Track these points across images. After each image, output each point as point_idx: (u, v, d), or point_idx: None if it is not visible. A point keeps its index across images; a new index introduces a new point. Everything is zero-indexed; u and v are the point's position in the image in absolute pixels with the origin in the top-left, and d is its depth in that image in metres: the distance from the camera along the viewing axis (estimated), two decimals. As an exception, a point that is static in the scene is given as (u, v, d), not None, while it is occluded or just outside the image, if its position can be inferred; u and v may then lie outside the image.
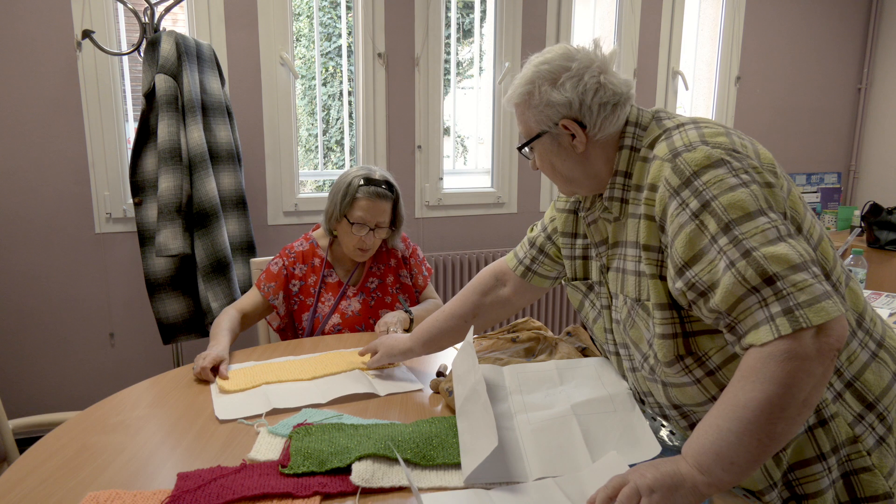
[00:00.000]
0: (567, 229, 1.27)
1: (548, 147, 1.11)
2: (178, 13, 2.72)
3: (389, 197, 1.81)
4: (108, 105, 2.51)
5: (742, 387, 0.84)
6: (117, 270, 2.64)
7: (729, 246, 0.87)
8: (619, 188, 1.08)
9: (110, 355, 2.69)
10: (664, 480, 0.83)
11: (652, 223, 1.00)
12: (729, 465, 0.83)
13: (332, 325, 1.83)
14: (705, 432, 0.86)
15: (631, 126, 1.09)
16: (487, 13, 3.07)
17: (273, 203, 2.81)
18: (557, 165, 1.12)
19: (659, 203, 0.97)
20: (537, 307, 3.24)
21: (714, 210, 0.90)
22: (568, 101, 1.06)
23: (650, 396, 1.12)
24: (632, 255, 1.07)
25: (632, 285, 1.06)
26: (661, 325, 0.99)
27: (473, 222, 3.15)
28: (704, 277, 0.90)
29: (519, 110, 1.13)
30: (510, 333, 1.48)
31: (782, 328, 0.82)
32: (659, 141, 1.03)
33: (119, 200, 2.60)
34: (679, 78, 3.37)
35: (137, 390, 1.39)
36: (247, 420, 1.23)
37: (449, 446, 1.08)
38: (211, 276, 2.23)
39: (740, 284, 0.86)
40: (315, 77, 3.06)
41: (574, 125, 1.06)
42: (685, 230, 0.92)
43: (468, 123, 3.31)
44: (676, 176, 0.95)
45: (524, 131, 1.14)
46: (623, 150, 1.08)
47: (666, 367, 1.00)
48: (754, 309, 0.85)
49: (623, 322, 1.10)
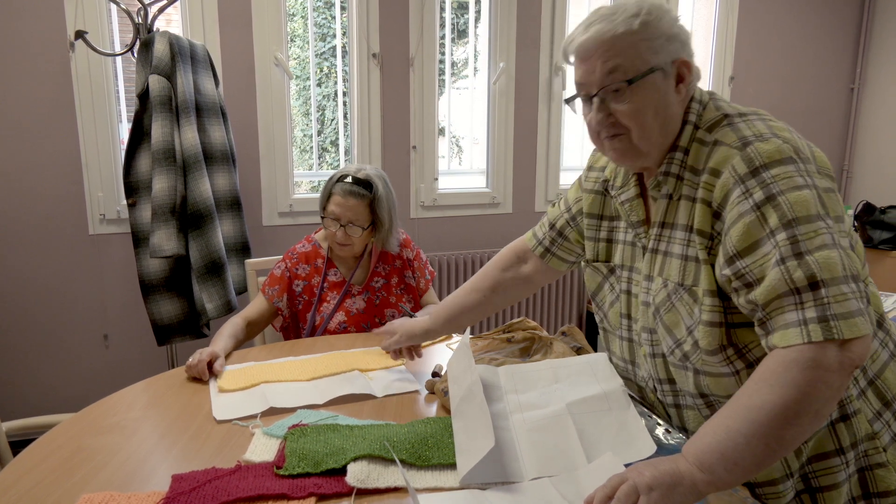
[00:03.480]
0: (594, 210, 1.23)
1: (659, 87, 0.99)
2: (172, 13, 2.71)
3: (362, 195, 1.78)
4: (101, 106, 2.50)
5: (759, 389, 0.84)
6: (111, 272, 2.63)
7: (786, 243, 0.86)
8: (676, 164, 1.03)
9: (105, 357, 2.68)
10: (662, 479, 0.83)
11: (707, 209, 0.97)
12: (732, 465, 0.83)
13: (338, 322, 1.84)
14: (712, 432, 0.85)
15: (695, 102, 1.04)
16: (482, 14, 3.07)
17: (268, 204, 2.81)
18: (661, 111, 1.00)
19: (720, 189, 0.94)
20: (533, 307, 3.25)
21: (779, 205, 0.88)
22: (686, 40, 1.00)
23: (670, 384, 1.10)
24: (680, 237, 1.03)
25: (676, 269, 1.02)
26: (710, 313, 0.97)
27: (469, 223, 3.15)
28: (755, 270, 0.89)
29: (627, 39, 0.99)
30: (505, 333, 1.48)
31: (814, 335, 0.82)
32: (720, 126, 0.99)
33: (113, 201, 2.59)
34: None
35: (132, 392, 1.38)
36: (242, 421, 1.22)
37: (444, 447, 1.08)
38: (205, 277, 2.23)
39: (785, 283, 0.85)
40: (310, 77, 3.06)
41: (689, 66, 1.00)
42: (744, 219, 0.90)
43: (463, 124, 3.31)
44: (745, 164, 0.92)
45: (630, 63, 0.99)
46: (687, 125, 1.03)
47: (707, 356, 0.98)
48: (788, 309, 0.85)
49: (658, 306, 1.06)
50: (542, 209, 3.26)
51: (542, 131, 3.19)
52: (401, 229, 2.00)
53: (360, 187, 1.79)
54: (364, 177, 1.81)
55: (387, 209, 1.83)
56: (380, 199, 1.81)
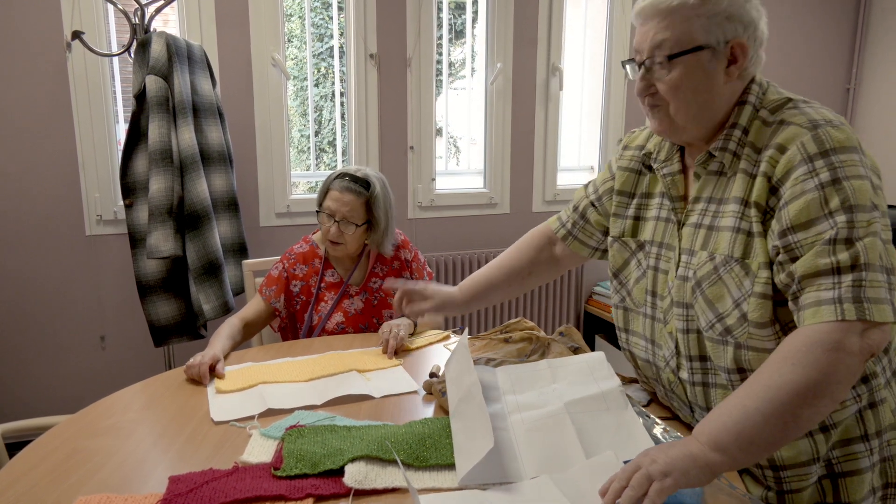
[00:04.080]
0: (626, 188, 1.23)
1: (703, 65, 1.00)
2: (169, 13, 2.71)
3: (359, 193, 1.79)
4: (98, 106, 2.50)
5: (779, 368, 0.86)
6: (108, 273, 2.62)
7: (844, 225, 0.89)
8: (734, 141, 1.03)
9: (101, 358, 2.68)
10: (675, 463, 0.83)
11: (767, 183, 0.97)
12: (748, 444, 0.84)
13: (336, 323, 1.84)
14: (728, 412, 0.86)
15: (756, 84, 1.04)
16: (479, 14, 3.07)
17: (265, 204, 2.81)
18: (700, 90, 1.01)
19: (784, 164, 0.95)
20: (530, 307, 3.25)
21: (843, 188, 0.90)
22: (750, 21, 0.99)
23: (701, 361, 1.08)
24: (732, 210, 1.02)
25: (727, 242, 1.02)
26: (764, 285, 0.97)
27: (466, 223, 3.15)
28: (805, 246, 0.91)
29: (680, 13, 0.98)
30: (503, 334, 1.48)
31: (847, 313, 0.85)
32: (785, 108, 1.00)
33: (110, 202, 2.58)
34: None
35: (128, 393, 1.38)
36: (239, 422, 1.22)
37: (442, 447, 1.08)
38: (203, 277, 2.22)
39: (827, 260, 0.88)
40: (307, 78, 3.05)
41: (745, 49, 0.99)
42: (806, 196, 0.92)
43: (460, 124, 3.31)
44: (815, 144, 0.93)
45: (677, 38, 0.99)
46: (745, 105, 1.03)
47: (756, 328, 0.98)
48: (825, 287, 0.88)
49: (699, 279, 1.05)
50: (539, 209, 3.26)
51: (540, 132, 3.19)
52: (398, 230, 2.00)
53: (357, 185, 1.79)
54: (363, 175, 1.82)
55: (383, 210, 1.83)
56: (376, 199, 1.81)
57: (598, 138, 3.37)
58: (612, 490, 0.84)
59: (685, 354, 1.11)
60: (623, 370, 1.44)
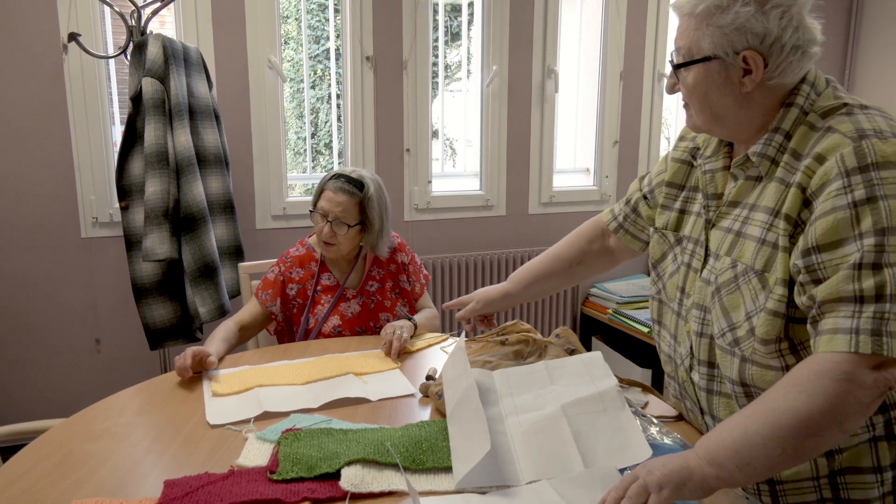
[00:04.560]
0: (676, 180, 1.20)
1: (712, 75, 0.98)
2: (166, 15, 2.70)
3: (352, 193, 1.78)
4: (94, 108, 2.49)
5: (786, 393, 0.83)
6: (103, 275, 2.61)
7: (871, 249, 0.83)
8: (773, 147, 0.98)
9: (96, 361, 2.67)
10: (672, 476, 0.83)
11: (801, 195, 0.92)
12: (745, 464, 0.82)
13: (333, 326, 1.83)
14: (729, 430, 0.85)
15: (807, 85, 0.98)
16: (475, 17, 3.08)
17: (261, 207, 2.80)
18: (712, 98, 0.99)
19: (820, 176, 0.89)
20: (526, 309, 3.25)
21: (878, 208, 0.83)
22: (764, 33, 0.93)
23: (709, 367, 1.06)
24: (761, 220, 0.98)
25: (751, 252, 0.98)
26: (777, 302, 0.93)
27: (462, 225, 3.15)
28: (829, 268, 0.86)
29: (691, 21, 0.97)
30: (499, 336, 1.48)
31: (863, 346, 0.80)
32: (837, 114, 0.94)
33: (105, 205, 2.57)
34: (665, 80, 3.39)
35: (124, 397, 1.37)
36: (235, 426, 1.22)
37: (439, 450, 1.08)
38: (199, 280, 2.22)
39: (851, 288, 0.83)
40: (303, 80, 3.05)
41: (758, 60, 0.94)
42: (836, 214, 0.86)
43: (456, 126, 3.31)
44: (855, 157, 0.86)
45: (688, 47, 0.99)
46: (791, 107, 0.97)
47: (760, 345, 0.95)
48: (844, 315, 0.83)
49: (719, 285, 1.02)
50: (535, 211, 3.26)
51: (536, 134, 3.19)
52: (395, 233, 1.99)
53: (351, 185, 1.79)
54: (357, 176, 1.81)
55: (378, 211, 1.82)
56: (370, 200, 1.81)
57: (594, 140, 3.37)
58: (610, 500, 0.84)
59: (697, 357, 1.09)
60: (619, 371, 1.44)
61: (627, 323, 2.99)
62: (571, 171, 3.43)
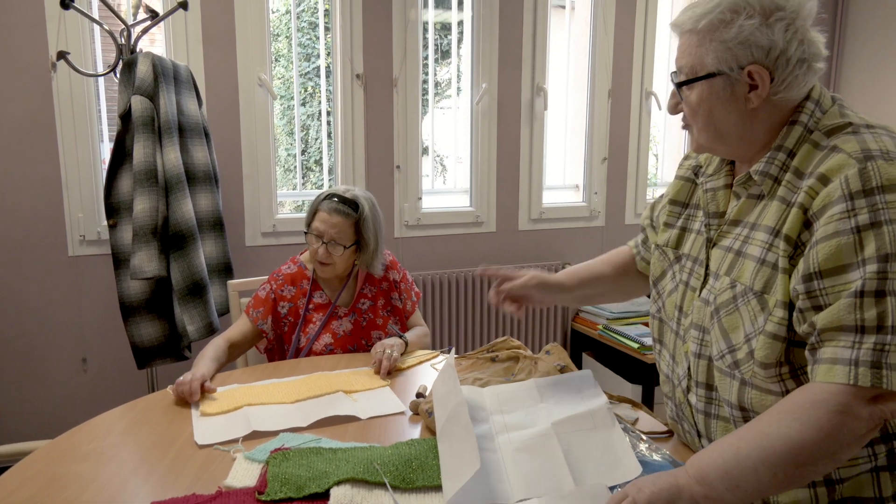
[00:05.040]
0: (679, 197, 1.19)
1: (717, 92, 0.95)
2: (156, 33, 2.71)
3: (347, 214, 1.78)
4: (82, 126, 2.49)
5: (780, 419, 0.82)
6: (91, 294, 2.59)
7: (874, 276, 0.81)
8: (776, 165, 0.96)
9: (83, 381, 2.63)
10: (661, 494, 0.83)
11: (802, 216, 0.89)
12: (735, 487, 0.82)
13: (325, 344, 1.82)
14: (721, 451, 0.85)
15: (811, 103, 0.96)
16: (464, 35, 3.11)
17: (251, 224, 2.80)
18: (717, 116, 0.97)
19: (823, 198, 0.87)
20: (517, 325, 3.25)
21: (882, 234, 0.81)
22: (770, 46, 0.91)
23: (707, 390, 1.04)
24: (761, 240, 0.96)
25: (750, 272, 0.96)
26: (777, 325, 0.90)
27: (452, 241, 3.16)
28: (831, 295, 0.84)
29: (694, 38, 0.95)
30: (489, 353, 1.48)
31: (861, 379, 0.79)
32: (843, 133, 0.91)
33: (93, 223, 2.56)
34: (653, 98, 3.43)
35: (110, 417, 1.36)
36: (223, 446, 1.20)
37: (429, 468, 1.07)
38: (187, 298, 2.20)
39: (853, 317, 0.81)
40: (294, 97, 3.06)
41: (764, 75, 0.92)
42: (838, 239, 0.84)
43: (447, 143, 3.33)
44: (860, 180, 0.84)
45: (691, 64, 0.97)
46: (796, 125, 0.95)
47: (759, 368, 0.93)
48: (843, 345, 0.82)
49: (718, 305, 1.00)
50: (525, 228, 3.28)
51: (525, 151, 3.21)
52: (387, 251, 1.99)
53: (346, 206, 1.78)
54: (352, 196, 1.81)
55: (372, 231, 1.82)
56: (365, 220, 1.80)
57: (583, 157, 3.40)
58: None
59: (694, 379, 1.07)
60: (610, 387, 1.44)
61: (618, 339, 3.00)
62: (561, 188, 3.45)
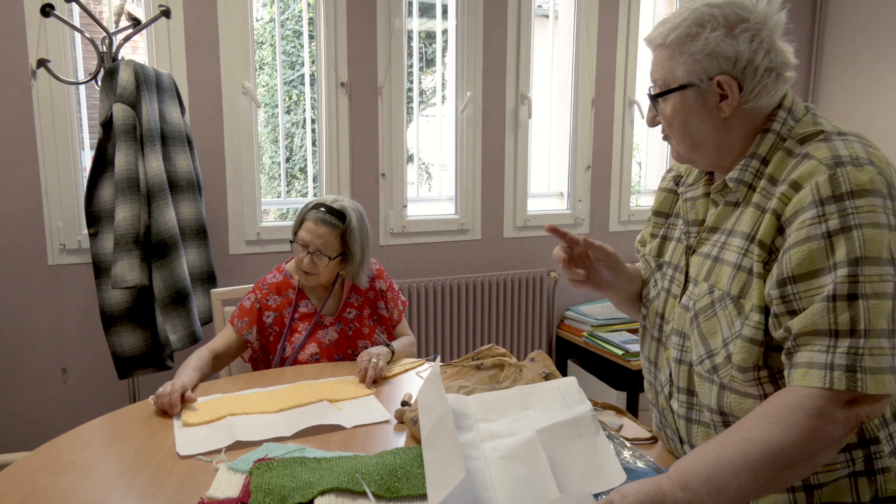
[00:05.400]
0: (662, 208, 1.22)
1: (689, 103, 0.99)
2: (138, 41, 2.70)
3: (334, 225, 1.76)
4: (63, 134, 2.46)
5: (759, 424, 0.83)
6: (71, 303, 2.55)
7: (844, 280, 0.82)
8: (750, 172, 0.98)
9: (63, 391, 2.59)
10: (645, 500, 0.84)
11: (775, 221, 0.92)
12: (716, 492, 0.83)
13: (310, 354, 1.81)
14: (703, 457, 0.86)
15: (784, 111, 0.99)
16: (449, 43, 3.13)
17: (235, 232, 2.78)
18: (692, 126, 1.00)
19: (795, 204, 0.89)
20: (502, 333, 3.25)
21: (851, 238, 0.83)
22: (736, 56, 0.94)
23: (688, 395, 1.06)
24: (737, 245, 0.98)
25: (727, 277, 0.98)
26: (753, 329, 0.92)
27: (437, 249, 3.16)
28: (804, 299, 0.86)
29: (665, 52, 0.99)
30: (474, 361, 1.48)
31: (837, 383, 0.80)
32: (815, 140, 0.94)
33: (74, 231, 2.53)
34: (635, 107, 3.47)
35: (90, 428, 1.34)
36: (206, 456, 1.19)
37: (414, 477, 1.07)
38: (170, 307, 2.18)
39: (826, 321, 0.83)
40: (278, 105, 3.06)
41: (732, 85, 0.95)
42: (809, 244, 0.86)
43: (432, 150, 3.34)
44: (830, 186, 0.86)
45: (664, 78, 1.00)
46: (769, 133, 0.98)
47: (737, 372, 0.95)
48: (819, 349, 0.83)
49: (697, 311, 1.02)
50: (510, 235, 3.29)
51: (510, 158, 3.23)
52: (373, 260, 1.99)
53: (333, 217, 1.77)
54: (339, 207, 1.79)
55: (359, 242, 1.81)
56: (352, 231, 1.79)
57: (567, 165, 3.43)
58: None
59: (676, 385, 1.09)
60: (595, 394, 1.45)
61: (602, 346, 3.01)
62: (545, 196, 3.47)
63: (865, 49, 3.61)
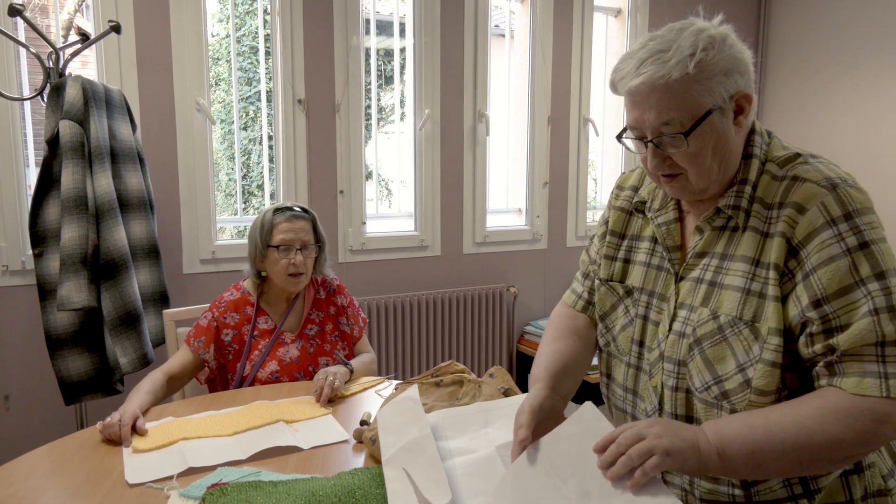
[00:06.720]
0: (617, 228, 1.19)
1: (715, 127, 0.95)
2: (88, 55, 2.63)
3: (306, 217, 1.85)
4: (6, 151, 2.37)
5: (820, 416, 0.85)
6: (13, 327, 2.45)
7: (880, 294, 0.87)
8: (745, 198, 0.99)
9: (5, 420, 2.47)
10: (682, 448, 0.84)
11: (786, 244, 0.94)
12: (755, 466, 0.84)
13: (270, 372, 1.77)
14: (751, 429, 0.86)
15: (757, 136, 1.01)
16: (407, 61, 3.15)
17: (189, 251, 2.71)
18: (720, 150, 0.97)
19: (805, 226, 0.92)
20: (462, 349, 3.25)
21: (872, 253, 0.88)
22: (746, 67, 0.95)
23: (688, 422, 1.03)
24: (740, 270, 0.98)
25: (734, 302, 0.97)
26: (774, 353, 0.93)
27: (397, 266, 3.15)
28: (842, 316, 0.88)
29: (679, 85, 0.92)
30: (433, 378, 1.47)
31: (893, 390, 0.84)
32: (795, 164, 0.97)
33: (17, 252, 2.43)
34: (590, 125, 3.55)
35: (32, 458, 1.28)
36: (156, 483, 1.15)
37: (373, 498, 1.05)
38: (119, 329, 2.11)
39: (874, 334, 0.86)
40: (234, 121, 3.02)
41: (748, 98, 0.96)
42: (836, 263, 0.89)
43: (391, 167, 3.34)
44: (838, 206, 0.90)
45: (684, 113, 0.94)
46: (753, 159, 1.00)
47: (758, 396, 0.94)
48: (868, 359, 0.87)
49: (700, 337, 1.00)
50: (469, 251, 3.30)
51: (468, 175, 3.26)
52: (334, 275, 1.98)
53: (301, 211, 1.86)
54: (293, 203, 1.89)
55: (321, 230, 1.91)
56: (316, 219, 1.90)
57: (525, 181, 3.47)
58: (610, 453, 0.84)
59: (669, 412, 1.06)
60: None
61: (562, 359, 3.03)
62: (504, 212, 3.51)
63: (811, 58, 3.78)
